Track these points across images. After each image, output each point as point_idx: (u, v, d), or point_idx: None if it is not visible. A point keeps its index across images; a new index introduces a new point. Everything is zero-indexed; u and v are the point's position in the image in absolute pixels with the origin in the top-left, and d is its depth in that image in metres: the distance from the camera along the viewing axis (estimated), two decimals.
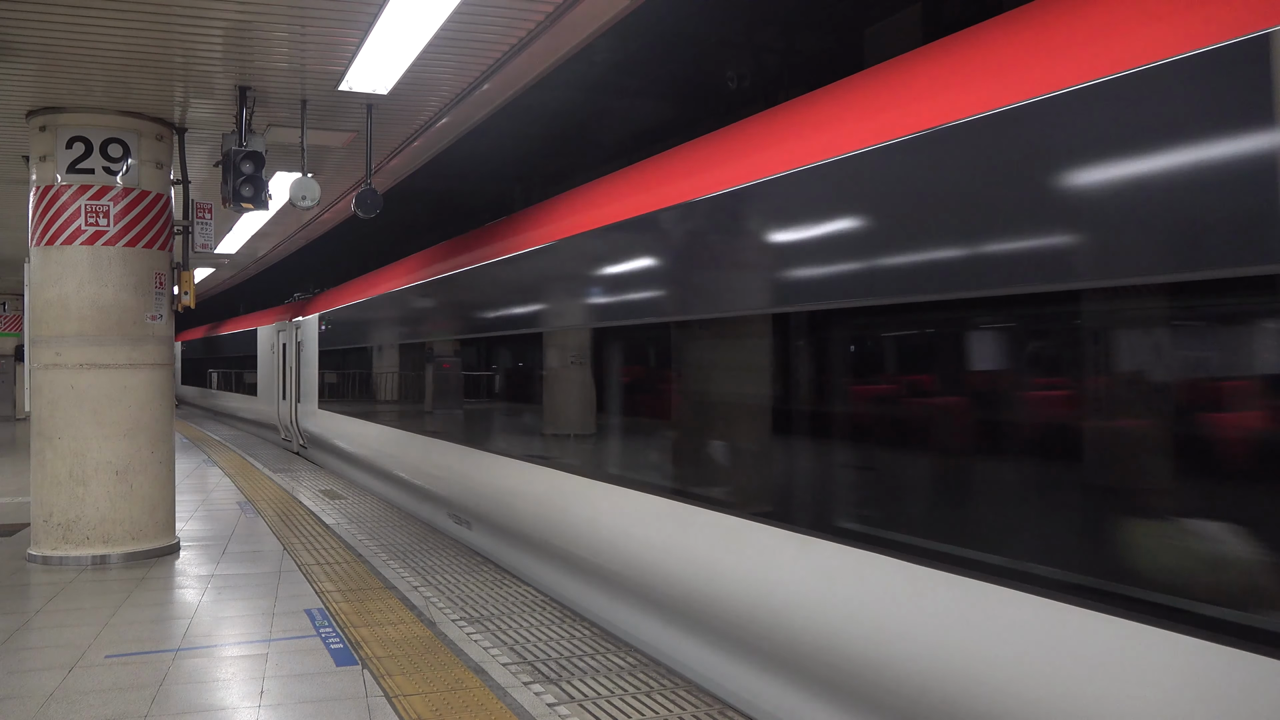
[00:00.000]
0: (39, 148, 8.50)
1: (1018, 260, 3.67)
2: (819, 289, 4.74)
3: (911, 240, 4.17)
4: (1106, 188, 3.37)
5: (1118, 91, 3.34)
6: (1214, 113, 3.03)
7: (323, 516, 11.20)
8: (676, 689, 5.35)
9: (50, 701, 5.05)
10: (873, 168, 4.42)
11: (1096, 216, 3.39)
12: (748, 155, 5.46)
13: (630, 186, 6.86)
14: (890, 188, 4.33)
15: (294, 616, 6.73)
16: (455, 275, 10.20)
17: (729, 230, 5.52)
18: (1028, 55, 3.78)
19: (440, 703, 5.01)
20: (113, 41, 6.74)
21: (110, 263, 8.42)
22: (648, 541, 6.12)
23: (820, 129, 4.92)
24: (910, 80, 4.45)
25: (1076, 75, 3.51)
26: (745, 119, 5.95)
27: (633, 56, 9.99)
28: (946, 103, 4.10)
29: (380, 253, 23.29)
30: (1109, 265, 3.35)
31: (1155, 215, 3.20)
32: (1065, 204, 3.51)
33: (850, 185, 4.55)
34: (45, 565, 8.33)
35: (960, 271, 3.92)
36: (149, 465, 8.61)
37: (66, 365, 8.34)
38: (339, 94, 7.97)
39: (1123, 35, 3.40)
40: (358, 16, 6.29)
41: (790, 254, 4.98)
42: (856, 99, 4.79)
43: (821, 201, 4.74)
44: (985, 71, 3.97)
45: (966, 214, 3.89)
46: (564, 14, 6.15)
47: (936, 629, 3.93)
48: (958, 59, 4.19)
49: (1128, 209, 3.30)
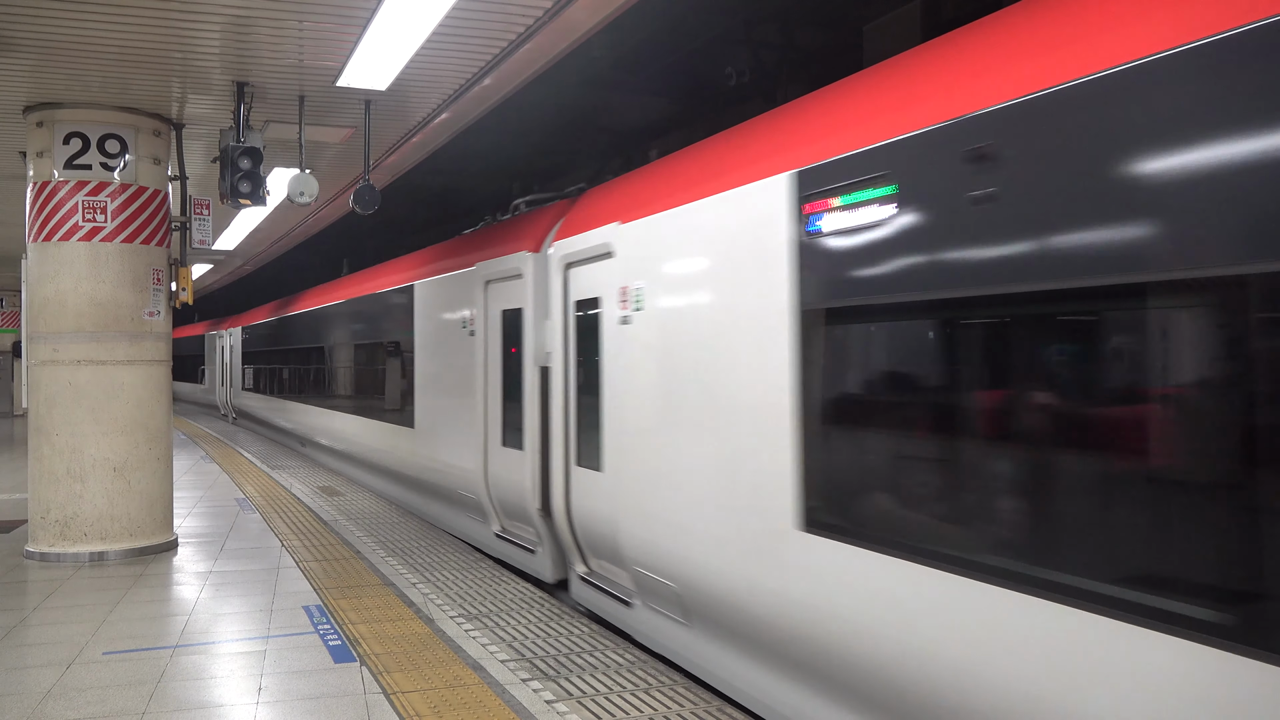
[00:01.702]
0: (36, 143, 8.48)
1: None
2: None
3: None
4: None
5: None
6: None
7: (320, 513, 11.19)
8: (675, 685, 5.34)
9: (48, 698, 5.05)
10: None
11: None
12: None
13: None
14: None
15: (292, 613, 6.72)
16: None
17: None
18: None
19: (438, 700, 5.01)
20: (110, 37, 6.71)
21: (108, 259, 8.40)
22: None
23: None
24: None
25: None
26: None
27: (631, 52, 9.96)
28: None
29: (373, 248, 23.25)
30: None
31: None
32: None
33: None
34: (43, 562, 8.32)
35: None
36: (147, 462, 8.60)
37: (64, 362, 8.33)
38: (337, 90, 7.95)
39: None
40: (356, 12, 6.27)
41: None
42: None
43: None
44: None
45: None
46: (562, 9, 6.14)
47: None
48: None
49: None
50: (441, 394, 10.71)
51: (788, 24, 9.72)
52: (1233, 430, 2.91)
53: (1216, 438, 2.95)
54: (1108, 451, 3.29)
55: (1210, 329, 3.01)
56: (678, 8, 9.02)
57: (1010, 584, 3.53)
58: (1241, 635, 2.80)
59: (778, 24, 9.74)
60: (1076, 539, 3.33)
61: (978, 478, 3.76)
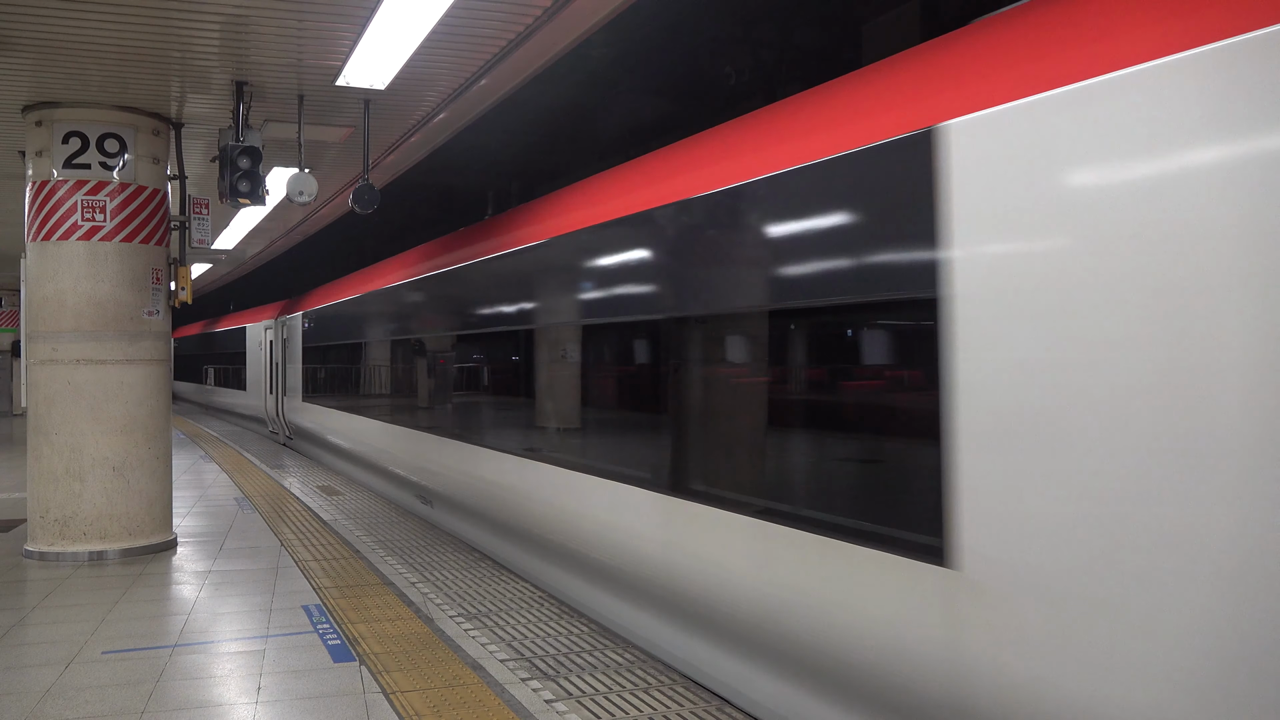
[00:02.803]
0: (35, 143, 8.48)
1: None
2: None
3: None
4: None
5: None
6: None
7: (319, 512, 11.19)
8: (674, 685, 5.35)
9: (47, 697, 5.05)
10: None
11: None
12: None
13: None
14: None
15: (291, 612, 6.72)
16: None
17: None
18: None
19: (438, 699, 5.01)
20: (109, 36, 6.71)
21: (107, 258, 8.40)
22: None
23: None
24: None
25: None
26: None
27: (631, 50, 9.97)
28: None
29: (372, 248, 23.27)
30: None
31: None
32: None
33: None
34: (42, 561, 8.32)
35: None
36: (146, 461, 8.60)
37: (63, 361, 8.33)
38: (336, 89, 7.95)
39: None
40: (354, 11, 6.28)
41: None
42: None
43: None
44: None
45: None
46: (562, 8, 6.14)
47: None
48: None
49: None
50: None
51: (787, 23, 9.73)
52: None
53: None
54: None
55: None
56: (676, 7, 9.03)
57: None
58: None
59: (777, 23, 9.75)
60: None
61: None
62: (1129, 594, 3.12)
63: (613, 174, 7.31)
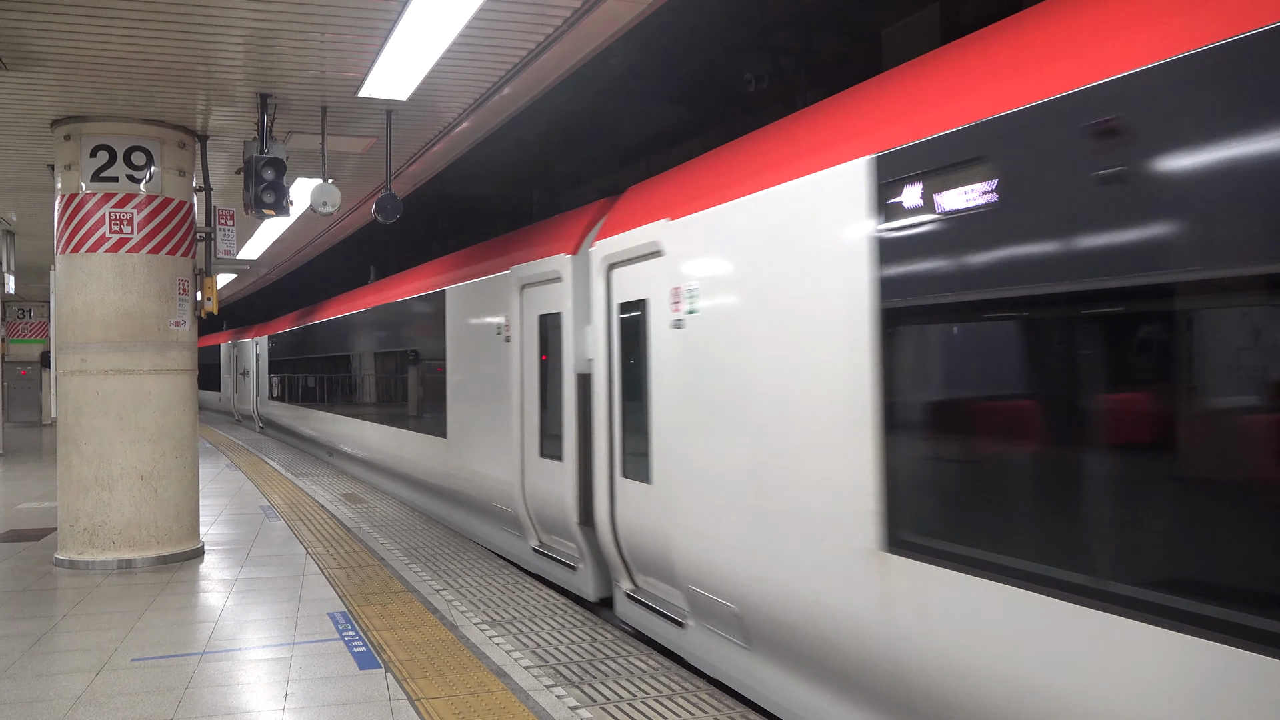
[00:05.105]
0: (64, 156, 8.60)
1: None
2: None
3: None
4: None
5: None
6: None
7: (344, 520, 11.26)
8: (699, 692, 5.34)
9: (78, 705, 5.10)
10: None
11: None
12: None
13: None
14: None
15: (317, 620, 6.76)
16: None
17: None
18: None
19: (463, 706, 5.03)
20: (136, 51, 6.80)
21: (134, 269, 8.50)
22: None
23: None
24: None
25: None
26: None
27: (650, 58, 9.99)
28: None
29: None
30: None
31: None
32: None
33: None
34: (72, 569, 8.42)
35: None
36: (173, 470, 8.68)
37: (92, 371, 8.43)
38: (359, 100, 8.02)
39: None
40: (377, 23, 6.33)
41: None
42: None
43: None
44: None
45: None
46: (582, 17, 6.17)
47: None
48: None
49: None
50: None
51: (806, 29, 9.73)
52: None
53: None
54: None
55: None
56: (696, 15, 9.04)
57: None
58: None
59: (796, 29, 9.74)
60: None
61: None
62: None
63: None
